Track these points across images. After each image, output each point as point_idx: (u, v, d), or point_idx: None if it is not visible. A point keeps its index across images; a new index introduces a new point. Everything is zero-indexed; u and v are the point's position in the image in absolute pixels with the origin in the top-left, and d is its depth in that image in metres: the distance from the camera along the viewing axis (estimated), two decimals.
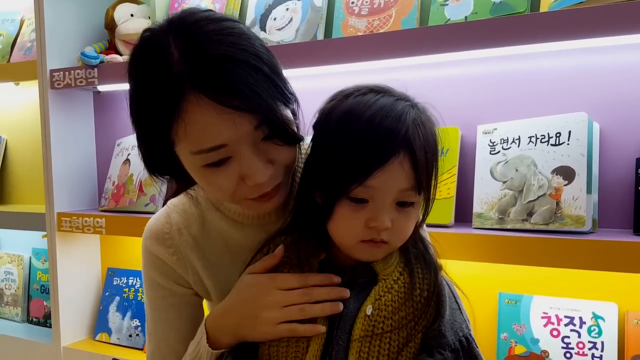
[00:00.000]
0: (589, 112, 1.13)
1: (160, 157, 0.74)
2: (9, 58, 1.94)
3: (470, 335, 0.73)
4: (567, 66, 1.20)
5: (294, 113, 0.75)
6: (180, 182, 0.85)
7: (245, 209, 0.81)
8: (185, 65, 0.65)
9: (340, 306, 0.71)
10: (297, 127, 0.76)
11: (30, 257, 2.09)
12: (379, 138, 0.66)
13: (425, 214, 0.74)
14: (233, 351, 0.75)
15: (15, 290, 2.09)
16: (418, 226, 0.76)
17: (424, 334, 0.71)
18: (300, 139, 0.74)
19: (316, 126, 0.72)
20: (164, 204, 0.92)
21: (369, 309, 0.70)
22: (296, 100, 0.76)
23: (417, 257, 0.75)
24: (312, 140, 0.73)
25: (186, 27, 0.68)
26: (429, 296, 0.72)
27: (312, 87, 1.15)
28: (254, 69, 0.66)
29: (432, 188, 0.72)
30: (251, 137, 0.69)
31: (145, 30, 0.71)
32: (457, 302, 0.74)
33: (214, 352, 0.76)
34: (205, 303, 0.98)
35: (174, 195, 0.92)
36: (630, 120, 1.14)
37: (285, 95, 0.71)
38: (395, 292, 0.71)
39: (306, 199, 0.74)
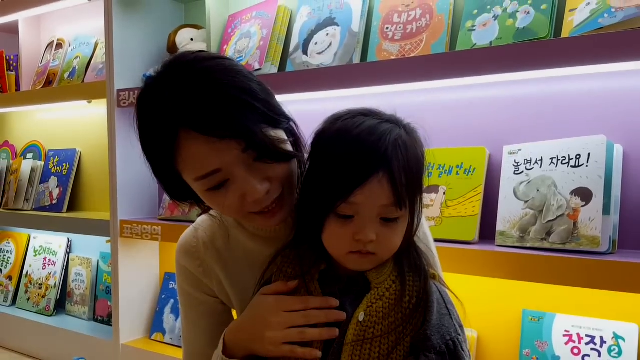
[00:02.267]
0: (612, 135, 1.18)
1: (175, 186, 0.86)
2: (84, 78, 2.19)
3: (458, 339, 0.78)
4: (590, 89, 1.26)
5: (291, 132, 0.86)
6: (200, 204, 0.93)
7: (254, 224, 0.92)
8: (175, 106, 0.77)
9: (336, 332, 0.78)
10: (294, 144, 0.87)
11: (97, 260, 2.34)
12: (360, 158, 0.73)
13: (413, 228, 0.81)
14: None
15: (84, 291, 2.34)
16: (409, 237, 0.82)
17: (412, 338, 0.77)
18: (291, 155, 0.83)
19: (312, 146, 0.82)
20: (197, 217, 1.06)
21: (361, 316, 0.77)
22: (290, 120, 0.85)
23: (410, 266, 0.82)
24: (308, 158, 0.82)
25: (177, 68, 0.80)
26: (417, 302, 0.78)
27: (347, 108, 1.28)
28: (234, 99, 0.77)
29: (417, 204, 0.79)
30: (241, 159, 0.78)
31: (148, 78, 0.84)
32: (447, 308, 0.80)
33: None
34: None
35: (203, 213, 1.04)
36: None
37: (271, 118, 0.80)
38: (387, 300, 0.78)
39: (305, 214, 0.83)
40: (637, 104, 1.21)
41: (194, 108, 0.75)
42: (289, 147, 0.84)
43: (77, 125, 2.43)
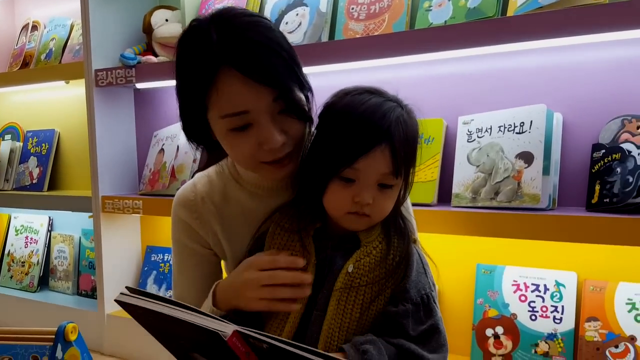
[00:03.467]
0: (552, 104, 1.34)
1: (195, 123, 0.96)
2: (61, 59, 2.28)
3: (431, 294, 0.91)
4: (532, 63, 1.42)
5: (307, 98, 0.94)
6: (210, 151, 1.05)
7: (261, 174, 1.01)
8: (222, 46, 0.87)
9: (306, 292, 0.88)
10: (309, 110, 0.95)
11: (80, 237, 2.45)
12: (366, 130, 0.84)
13: (404, 195, 0.95)
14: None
15: (67, 267, 2.45)
16: (398, 205, 0.95)
17: (393, 290, 0.91)
18: (310, 117, 0.93)
19: (320, 116, 0.93)
20: (192, 177, 1.17)
21: (350, 267, 0.89)
22: (310, 89, 0.96)
23: (396, 231, 0.95)
24: (316, 127, 0.94)
25: (224, 19, 0.90)
26: (400, 261, 0.91)
27: (317, 84, 1.41)
28: (275, 53, 0.88)
29: (411, 175, 0.92)
30: (269, 107, 0.87)
31: (193, 20, 0.94)
32: (424, 268, 0.94)
33: (217, 311, 0.97)
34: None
35: (202, 169, 1.15)
36: (588, 112, 1.35)
37: (300, 81, 0.90)
38: (373, 257, 0.90)
39: (308, 177, 0.92)
40: (575, 76, 1.37)
41: (241, 49, 0.85)
42: (307, 110, 0.94)
43: (54, 106, 2.51)
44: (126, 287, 0.87)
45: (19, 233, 2.62)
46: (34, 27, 2.45)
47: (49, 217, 2.55)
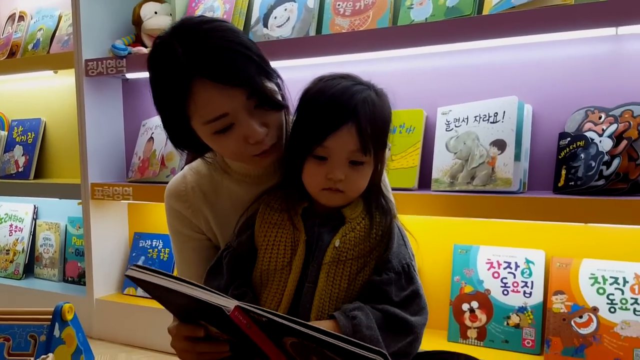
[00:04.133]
0: (523, 96, 1.47)
1: (180, 134, 1.04)
2: (49, 49, 2.33)
3: (411, 263, 1.00)
4: (505, 58, 1.55)
5: (278, 86, 1.00)
6: (199, 153, 1.12)
7: (250, 165, 1.09)
8: (189, 58, 0.93)
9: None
10: (283, 97, 1.00)
11: (66, 225, 2.50)
12: (334, 110, 0.90)
13: (376, 172, 1.01)
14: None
15: (53, 254, 2.51)
16: (375, 183, 1.02)
17: (376, 261, 0.99)
18: (283, 105, 0.98)
19: (298, 102, 1.00)
20: (181, 169, 1.25)
21: (337, 242, 0.97)
22: (278, 76, 1.03)
23: (377, 207, 1.02)
24: (295, 112, 1.01)
25: (185, 30, 0.97)
26: (383, 235, 0.99)
27: (304, 76, 1.51)
28: (240, 54, 0.94)
29: (381, 153, 0.99)
30: (245, 105, 0.93)
31: (157, 38, 1.00)
32: (403, 240, 1.03)
33: None
34: None
35: (190, 162, 1.23)
36: (556, 103, 1.49)
37: (268, 73, 0.96)
38: (358, 232, 0.98)
39: (289, 159, 0.99)
40: (544, 70, 1.50)
41: (207, 58, 0.91)
42: (280, 98, 1.02)
43: (40, 95, 2.56)
44: (135, 265, 0.93)
45: (3, 221, 2.66)
46: (21, 18, 2.49)
47: (34, 206, 2.60)
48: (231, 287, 1.01)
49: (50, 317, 1.63)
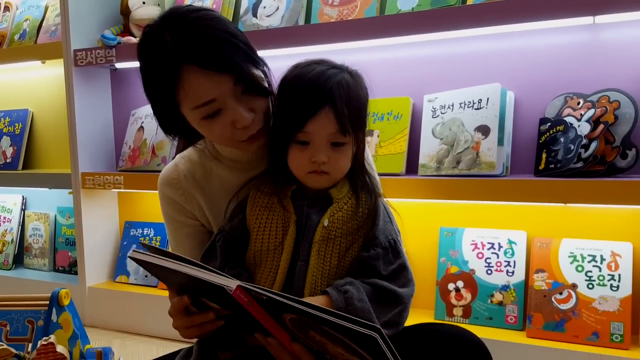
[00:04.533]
0: (506, 83, 1.54)
1: (170, 120, 1.07)
2: (36, 40, 2.34)
3: (397, 239, 1.05)
4: (488, 47, 1.62)
5: (265, 74, 1.03)
6: (189, 140, 1.16)
7: (239, 150, 1.13)
8: (178, 46, 0.97)
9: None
10: (269, 84, 1.03)
11: (55, 215, 2.53)
12: (310, 96, 0.94)
13: (358, 151, 1.05)
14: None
15: (43, 244, 2.53)
16: (357, 163, 1.07)
17: (364, 238, 1.03)
18: (269, 91, 1.02)
19: (277, 90, 1.04)
20: (173, 158, 1.29)
21: (326, 222, 1.01)
22: (265, 64, 1.06)
23: (362, 187, 1.07)
24: (276, 100, 1.05)
25: (173, 19, 1.00)
26: (369, 213, 1.04)
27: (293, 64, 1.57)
28: (227, 42, 0.98)
29: (361, 132, 1.03)
30: (233, 91, 0.96)
31: (146, 27, 1.03)
32: (389, 217, 1.07)
33: None
34: None
35: (181, 151, 1.26)
36: (536, 90, 1.56)
37: (254, 60, 0.99)
38: (345, 211, 1.03)
39: (274, 146, 1.02)
40: (525, 58, 1.57)
41: (196, 45, 0.94)
42: (267, 84, 1.06)
43: (27, 86, 2.57)
44: (141, 243, 0.97)
45: None
46: (6, 8, 2.49)
47: (23, 196, 2.62)
48: (226, 268, 1.05)
49: (47, 302, 1.66)
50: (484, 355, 0.97)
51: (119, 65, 2.14)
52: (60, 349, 1.37)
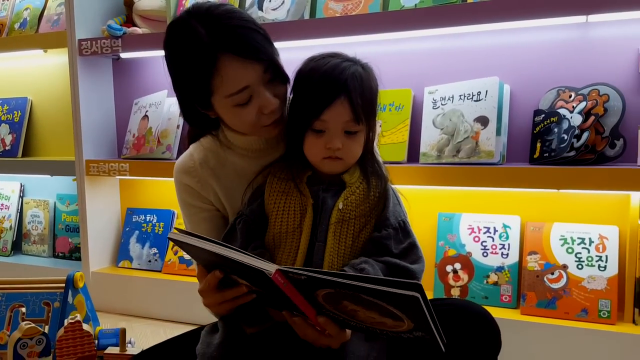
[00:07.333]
0: (503, 77, 1.65)
1: (195, 111, 1.14)
2: (37, 29, 2.39)
3: (405, 220, 1.13)
4: (487, 42, 1.73)
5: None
6: (206, 130, 1.23)
7: (260, 136, 1.20)
8: (212, 36, 1.05)
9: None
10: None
11: (55, 202, 2.58)
12: (327, 86, 1.01)
13: (369, 139, 1.14)
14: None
15: (42, 231, 2.59)
16: (368, 150, 1.15)
17: (376, 220, 1.12)
18: (289, 78, 1.14)
19: (293, 82, 1.12)
20: (188, 142, 1.35)
21: (340, 205, 1.09)
22: (278, 54, 1.15)
23: (373, 173, 1.15)
24: (291, 91, 1.13)
25: (203, 13, 1.08)
26: (380, 197, 1.12)
27: (299, 57, 1.65)
28: (256, 32, 1.07)
29: (372, 121, 1.12)
30: (263, 78, 1.04)
31: (171, 23, 1.11)
32: (397, 200, 1.16)
33: None
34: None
35: (190, 136, 1.32)
36: (531, 83, 1.67)
37: (275, 49, 1.08)
38: (358, 195, 1.10)
39: (290, 134, 1.09)
40: (522, 53, 1.68)
41: (230, 35, 1.02)
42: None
43: (26, 74, 2.61)
44: (175, 228, 1.04)
45: None
46: None
47: (21, 184, 2.66)
48: (249, 248, 1.12)
49: (62, 285, 1.73)
50: (492, 327, 1.09)
51: (124, 55, 2.20)
52: (85, 327, 1.45)
